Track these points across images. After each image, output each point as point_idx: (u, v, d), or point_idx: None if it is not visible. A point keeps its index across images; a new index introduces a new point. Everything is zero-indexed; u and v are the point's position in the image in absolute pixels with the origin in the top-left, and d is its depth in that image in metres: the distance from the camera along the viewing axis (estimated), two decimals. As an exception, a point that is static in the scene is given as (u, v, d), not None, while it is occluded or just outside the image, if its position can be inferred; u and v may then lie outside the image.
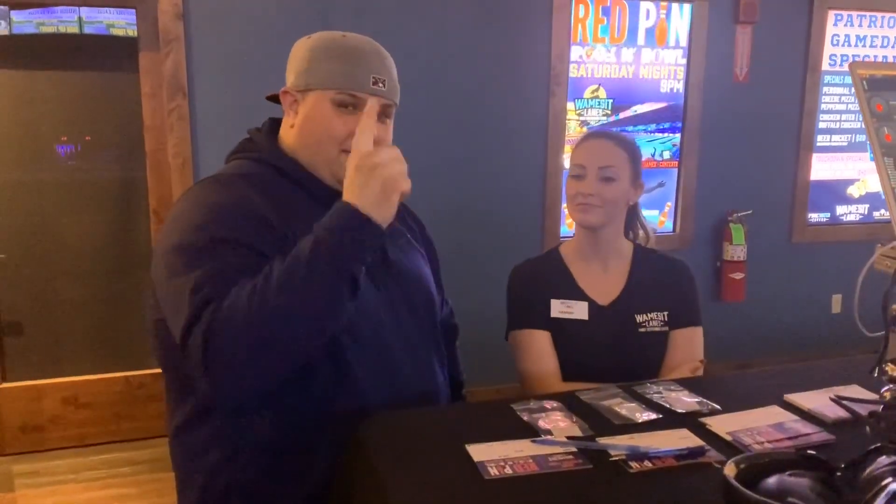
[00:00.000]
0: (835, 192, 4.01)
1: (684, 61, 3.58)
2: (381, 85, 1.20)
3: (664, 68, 3.56)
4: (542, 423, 1.14)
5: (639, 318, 1.57)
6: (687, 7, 3.54)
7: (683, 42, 3.56)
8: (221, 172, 1.24)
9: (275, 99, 1.28)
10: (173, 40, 2.83)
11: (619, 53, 3.49)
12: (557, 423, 1.15)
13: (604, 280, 1.62)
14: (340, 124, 1.19)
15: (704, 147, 3.65)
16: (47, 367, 3.02)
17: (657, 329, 1.57)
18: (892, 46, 3.95)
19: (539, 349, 1.56)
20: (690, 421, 1.16)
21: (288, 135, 1.25)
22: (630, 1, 3.45)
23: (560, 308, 1.58)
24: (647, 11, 3.49)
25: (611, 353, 1.54)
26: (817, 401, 1.22)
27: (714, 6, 3.55)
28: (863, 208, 4.08)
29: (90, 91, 2.97)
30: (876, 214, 4.10)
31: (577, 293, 1.60)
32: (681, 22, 3.55)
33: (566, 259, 1.65)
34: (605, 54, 3.47)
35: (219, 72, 2.91)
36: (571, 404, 1.23)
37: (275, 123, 1.31)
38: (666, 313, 1.58)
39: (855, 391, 1.26)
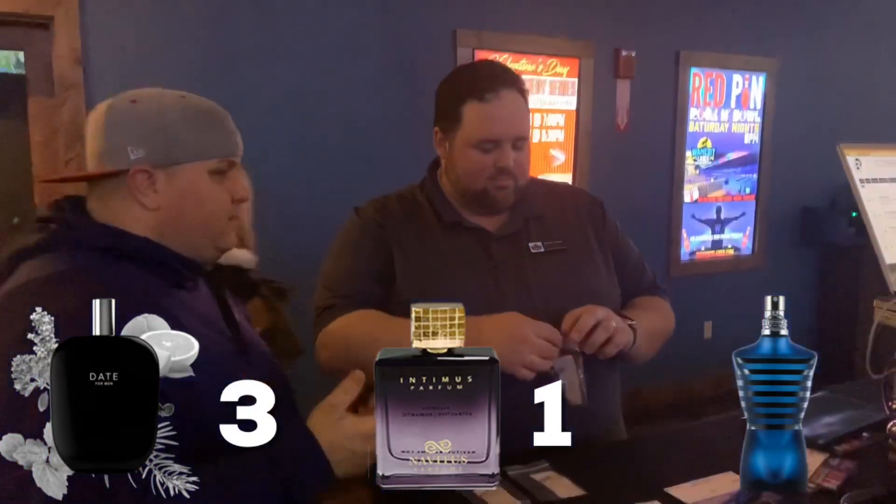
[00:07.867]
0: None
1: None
2: (240, 142, 1.16)
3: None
4: None
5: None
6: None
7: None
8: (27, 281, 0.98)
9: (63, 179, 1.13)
10: (71, 86, 2.70)
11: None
12: None
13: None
14: (225, 194, 1.13)
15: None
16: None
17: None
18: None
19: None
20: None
21: (141, 219, 1.09)
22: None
23: None
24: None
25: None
26: (699, 495, 1.28)
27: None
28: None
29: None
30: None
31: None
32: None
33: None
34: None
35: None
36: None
37: (78, 204, 1.12)
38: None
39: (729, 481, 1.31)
